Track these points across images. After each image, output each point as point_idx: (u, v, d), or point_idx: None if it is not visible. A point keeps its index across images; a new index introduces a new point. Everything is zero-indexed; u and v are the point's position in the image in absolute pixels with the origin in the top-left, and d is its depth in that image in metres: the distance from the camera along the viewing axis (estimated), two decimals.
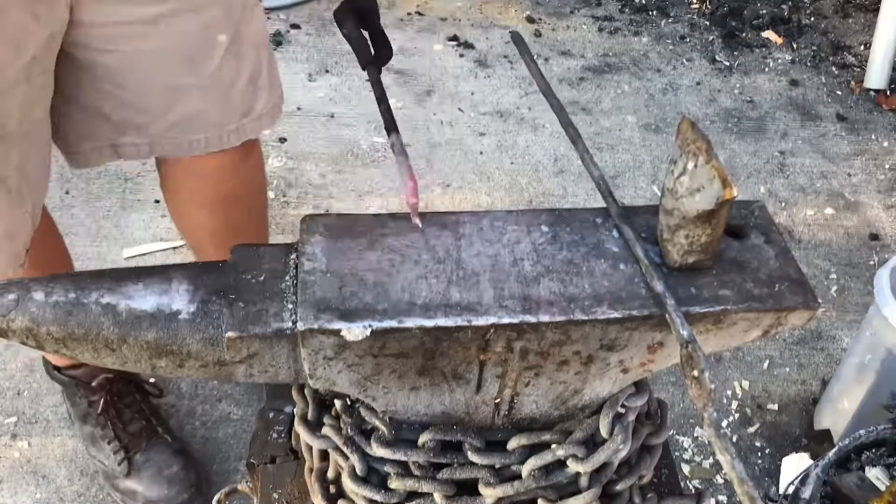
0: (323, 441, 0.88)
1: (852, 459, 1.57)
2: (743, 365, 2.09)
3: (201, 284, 0.75)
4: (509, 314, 0.75)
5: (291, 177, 2.52)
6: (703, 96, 2.99)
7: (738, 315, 0.78)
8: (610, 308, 0.76)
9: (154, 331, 0.72)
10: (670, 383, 2.03)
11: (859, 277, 2.34)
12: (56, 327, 0.71)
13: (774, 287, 0.79)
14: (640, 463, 0.94)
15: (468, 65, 3.03)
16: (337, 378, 0.79)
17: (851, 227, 2.51)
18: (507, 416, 0.88)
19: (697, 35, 3.31)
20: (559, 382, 0.83)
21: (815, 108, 2.97)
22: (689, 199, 0.74)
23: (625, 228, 0.81)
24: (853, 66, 3.18)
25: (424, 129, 2.71)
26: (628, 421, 0.89)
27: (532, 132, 2.76)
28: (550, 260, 0.80)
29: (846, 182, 2.67)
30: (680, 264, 0.79)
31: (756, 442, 1.93)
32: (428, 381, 0.81)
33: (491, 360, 0.79)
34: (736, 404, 2.00)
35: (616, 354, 0.81)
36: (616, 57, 3.15)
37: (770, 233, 0.85)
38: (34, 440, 1.81)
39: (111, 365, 0.74)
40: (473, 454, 0.86)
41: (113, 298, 0.72)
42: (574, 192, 2.55)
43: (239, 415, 1.88)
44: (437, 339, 0.75)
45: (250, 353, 0.75)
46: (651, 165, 2.67)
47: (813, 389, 2.04)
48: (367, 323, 0.73)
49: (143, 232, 2.29)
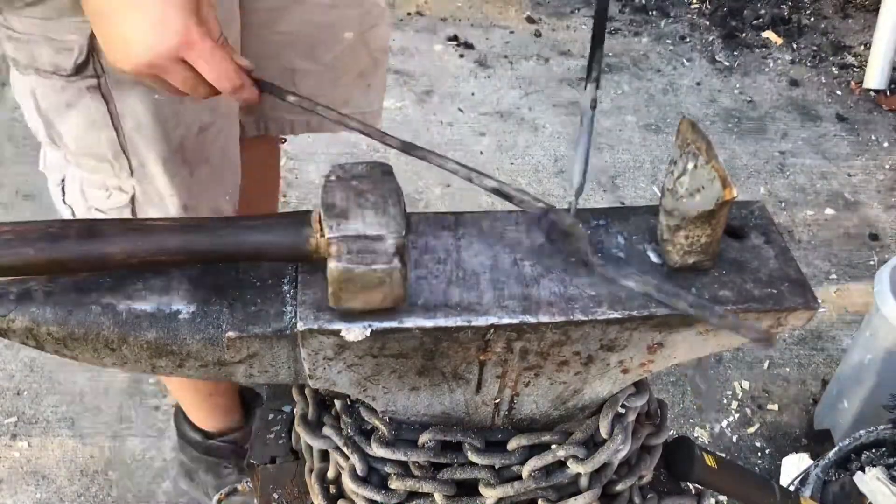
0: (323, 441, 0.88)
1: (852, 460, 1.57)
2: (743, 365, 2.09)
3: (201, 284, 0.75)
4: (509, 314, 0.75)
5: (292, 177, 2.53)
6: (703, 96, 2.99)
7: (738, 315, 0.78)
8: (610, 308, 0.76)
9: (154, 331, 0.72)
10: (670, 383, 2.03)
11: (859, 278, 2.34)
12: (56, 327, 0.71)
13: (774, 288, 0.79)
14: (640, 463, 0.94)
15: (468, 65, 3.03)
16: (337, 378, 0.79)
17: (851, 228, 2.51)
18: (507, 416, 0.88)
19: (697, 35, 3.31)
20: (559, 383, 0.83)
21: (816, 109, 2.97)
22: (689, 199, 0.74)
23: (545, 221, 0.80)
24: (853, 67, 3.18)
25: (424, 130, 2.71)
26: (628, 421, 0.89)
27: (532, 132, 2.76)
28: (550, 260, 0.80)
29: (846, 182, 2.67)
30: (680, 265, 0.79)
31: (756, 442, 1.93)
32: (428, 381, 0.81)
33: (491, 360, 0.79)
34: (736, 404, 2.00)
35: (616, 355, 0.81)
36: (616, 57, 3.15)
37: (770, 233, 0.84)
38: (34, 440, 1.81)
39: (111, 365, 0.74)
40: (473, 454, 0.86)
41: (113, 298, 0.72)
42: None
43: None
44: (437, 339, 0.75)
45: (250, 354, 0.75)
46: (651, 166, 2.67)
47: (813, 390, 2.05)
48: (367, 323, 0.72)
49: None
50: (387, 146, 0.86)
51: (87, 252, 0.69)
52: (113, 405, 1.93)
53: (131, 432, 1.88)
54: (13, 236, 0.69)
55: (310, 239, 0.71)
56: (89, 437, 1.86)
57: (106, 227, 0.71)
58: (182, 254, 0.71)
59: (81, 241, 0.70)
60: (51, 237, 0.69)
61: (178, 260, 0.72)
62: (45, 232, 0.69)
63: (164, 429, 1.89)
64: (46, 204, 2.38)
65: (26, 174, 2.45)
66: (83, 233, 0.70)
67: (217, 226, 0.72)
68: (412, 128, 2.70)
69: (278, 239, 0.71)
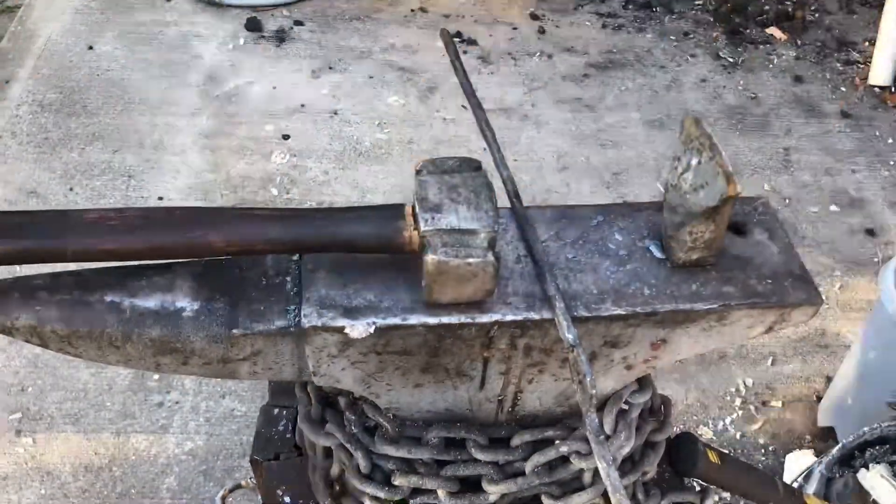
0: (327, 438, 0.88)
1: (856, 457, 1.57)
2: (746, 362, 2.09)
3: (205, 282, 0.75)
4: (513, 311, 0.75)
5: (295, 173, 2.53)
6: (707, 93, 2.98)
7: (741, 312, 0.78)
8: (613, 305, 0.76)
9: (158, 328, 0.72)
10: (674, 380, 2.03)
11: (863, 274, 2.33)
12: (60, 325, 0.71)
13: (778, 284, 0.79)
14: (644, 459, 0.94)
15: (472, 62, 3.03)
16: (341, 375, 0.79)
17: (855, 224, 2.50)
18: (510, 412, 0.87)
19: (701, 32, 3.30)
20: (562, 379, 0.83)
21: (820, 105, 2.96)
22: (694, 195, 0.74)
23: (528, 229, 0.81)
24: (858, 63, 3.17)
25: (428, 127, 2.71)
26: (632, 417, 0.88)
27: (535, 129, 2.76)
28: (554, 257, 0.79)
29: (850, 179, 2.66)
30: (684, 261, 0.79)
31: (760, 439, 1.92)
32: (432, 378, 0.81)
33: (495, 357, 0.79)
34: (739, 401, 2.00)
35: (619, 351, 0.81)
36: (620, 54, 3.14)
37: (773, 229, 0.84)
38: (39, 437, 1.82)
39: (115, 363, 0.74)
40: (477, 451, 0.86)
41: (117, 296, 0.72)
42: (578, 189, 2.55)
43: (242, 411, 1.89)
44: (441, 336, 0.75)
45: (254, 351, 0.75)
46: (655, 162, 2.66)
47: (817, 386, 2.04)
48: (371, 320, 0.73)
49: None
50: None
51: (188, 239, 0.70)
52: (117, 401, 1.93)
53: (135, 428, 1.89)
54: (118, 222, 0.69)
55: (403, 232, 0.72)
56: (93, 434, 1.86)
57: (207, 216, 0.72)
58: (279, 243, 0.72)
59: (183, 228, 0.71)
60: (154, 224, 0.70)
61: (275, 249, 0.73)
62: (149, 219, 0.70)
63: (168, 425, 1.89)
64: (51, 201, 2.39)
65: (31, 171, 2.46)
66: (185, 220, 0.71)
67: (314, 216, 0.73)
68: (415, 124, 2.70)
69: (373, 230, 0.72)
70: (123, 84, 2.77)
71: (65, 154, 2.52)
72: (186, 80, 2.82)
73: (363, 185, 2.50)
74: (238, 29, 3.05)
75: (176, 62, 2.88)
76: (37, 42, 2.93)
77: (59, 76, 2.79)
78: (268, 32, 3.05)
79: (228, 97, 2.76)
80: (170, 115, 2.68)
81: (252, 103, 2.75)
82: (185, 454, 1.84)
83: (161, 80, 2.80)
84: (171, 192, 2.41)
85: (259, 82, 2.83)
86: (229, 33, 3.03)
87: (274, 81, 2.84)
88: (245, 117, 2.70)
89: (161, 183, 2.44)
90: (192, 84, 2.80)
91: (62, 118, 2.63)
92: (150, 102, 2.71)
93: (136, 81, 2.79)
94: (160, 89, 2.77)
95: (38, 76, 2.78)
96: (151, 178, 2.43)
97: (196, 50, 2.94)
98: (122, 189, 2.42)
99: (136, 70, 2.83)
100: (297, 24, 3.13)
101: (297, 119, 2.71)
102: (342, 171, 2.55)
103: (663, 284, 0.78)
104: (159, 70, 2.84)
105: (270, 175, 2.51)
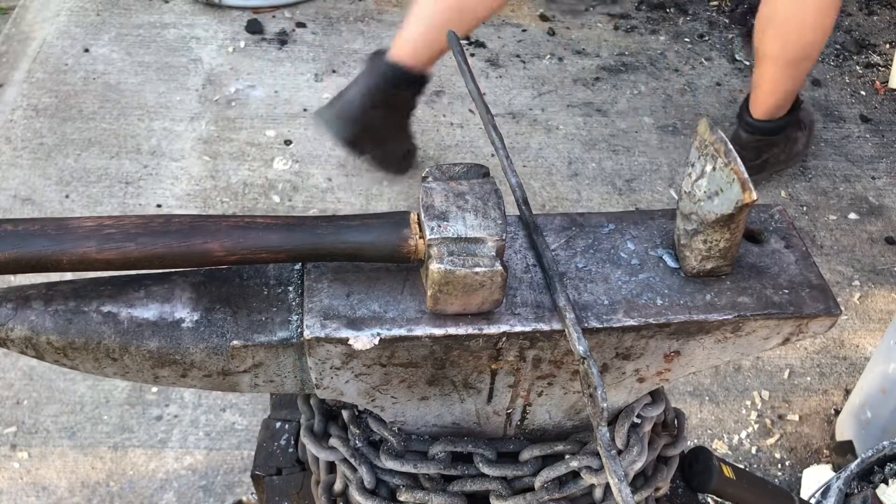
0: (330, 453, 0.87)
1: (875, 472, 1.54)
2: (763, 374, 2.05)
3: (204, 292, 0.74)
4: (522, 322, 0.73)
5: (297, 180, 2.51)
6: (723, 97, 2.95)
7: (757, 322, 0.76)
8: (625, 316, 0.74)
9: (156, 339, 0.71)
10: (687, 393, 1.99)
11: (883, 284, 2.29)
12: (56, 336, 0.70)
13: (795, 293, 0.77)
14: (657, 474, 0.92)
15: (479, 64, 3.01)
16: (344, 388, 0.77)
17: (875, 232, 2.46)
18: (519, 426, 0.86)
19: (717, 33, 3.26)
20: (573, 392, 0.82)
21: (839, 109, 2.92)
22: (708, 202, 0.72)
23: (537, 237, 0.79)
24: (878, 66, 3.12)
25: (434, 132, 2.69)
26: (644, 431, 0.87)
27: (545, 134, 2.74)
28: (564, 266, 0.78)
29: (870, 185, 2.62)
30: (698, 270, 0.77)
31: (776, 453, 1.89)
32: (438, 390, 0.79)
33: (503, 369, 0.77)
34: (755, 415, 1.96)
35: (632, 363, 0.79)
36: (632, 56, 3.11)
37: (790, 238, 0.82)
38: (34, 451, 1.80)
39: (113, 375, 0.73)
40: (485, 466, 0.84)
41: (114, 306, 0.71)
42: (589, 196, 2.52)
43: (244, 425, 1.87)
44: (448, 347, 0.73)
45: (255, 363, 0.74)
46: (668, 168, 2.63)
47: (835, 399, 2.00)
48: (376, 331, 0.71)
49: None
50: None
51: (187, 248, 0.69)
52: (114, 415, 1.91)
53: (133, 442, 1.86)
54: (116, 230, 0.68)
55: (408, 240, 0.70)
56: (90, 448, 1.84)
57: (208, 224, 0.71)
58: (281, 251, 0.71)
59: (182, 236, 0.69)
60: (153, 232, 0.69)
61: (277, 257, 0.71)
62: (148, 227, 0.69)
63: (167, 439, 1.87)
64: (46, 208, 2.38)
65: (25, 178, 2.45)
66: (184, 229, 0.70)
67: (317, 224, 0.72)
68: (421, 129, 2.68)
69: (377, 239, 0.71)
70: (120, 88, 2.75)
71: (60, 160, 2.49)
72: (185, 83, 2.79)
73: (368, 191, 2.48)
74: (238, 31, 3.02)
75: (174, 65, 2.86)
76: (31, 45, 2.91)
77: (54, 80, 2.76)
78: (269, 35, 3.03)
79: (228, 101, 2.75)
80: (168, 119, 2.66)
81: (253, 108, 2.72)
82: (185, 469, 1.81)
83: (159, 84, 2.78)
84: (170, 199, 2.39)
85: (260, 86, 2.81)
86: (229, 35, 3.00)
87: (275, 85, 2.81)
88: (246, 122, 2.68)
89: (159, 190, 2.42)
90: (191, 88, 2.78)
91: (57, 123, 2.61)
92: (147, 107, 2.69)
93: (134, 85, 2.77)
94: (158, 93, 2.74)
95: (32, 80, 2.75)
96: (149, 184, 2.42)
97: (195, 53, 2.92)
98: (119, 196, 2.41)
99: (134, 73, 2.81)
100: (300, 25, 3.11)
101: (300, 124, 2.69)
102: (346, 177, 2.53)
103: (677, 294, 0.76)
104: (157, 73, 2.82)
105: (272, 182, 2.50)
